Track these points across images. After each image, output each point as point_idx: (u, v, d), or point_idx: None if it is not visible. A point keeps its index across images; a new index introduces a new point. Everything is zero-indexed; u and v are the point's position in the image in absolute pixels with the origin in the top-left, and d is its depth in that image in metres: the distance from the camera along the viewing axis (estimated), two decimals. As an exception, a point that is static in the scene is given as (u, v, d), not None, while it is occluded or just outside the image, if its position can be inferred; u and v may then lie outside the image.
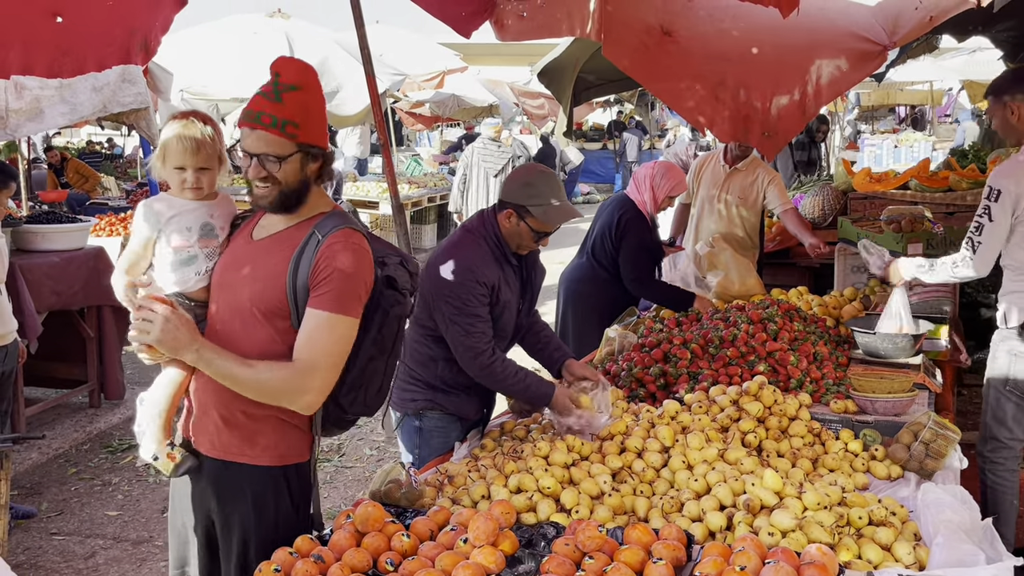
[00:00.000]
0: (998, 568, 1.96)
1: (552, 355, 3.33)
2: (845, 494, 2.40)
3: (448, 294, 2.94)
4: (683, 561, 1.99)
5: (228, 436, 2.28)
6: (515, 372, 2.98)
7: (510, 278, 3.08)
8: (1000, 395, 3.40)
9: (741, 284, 4.60)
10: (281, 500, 2.29)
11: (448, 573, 1.97)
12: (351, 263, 2.17)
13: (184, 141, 2.27)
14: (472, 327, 2.92)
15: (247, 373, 2.17)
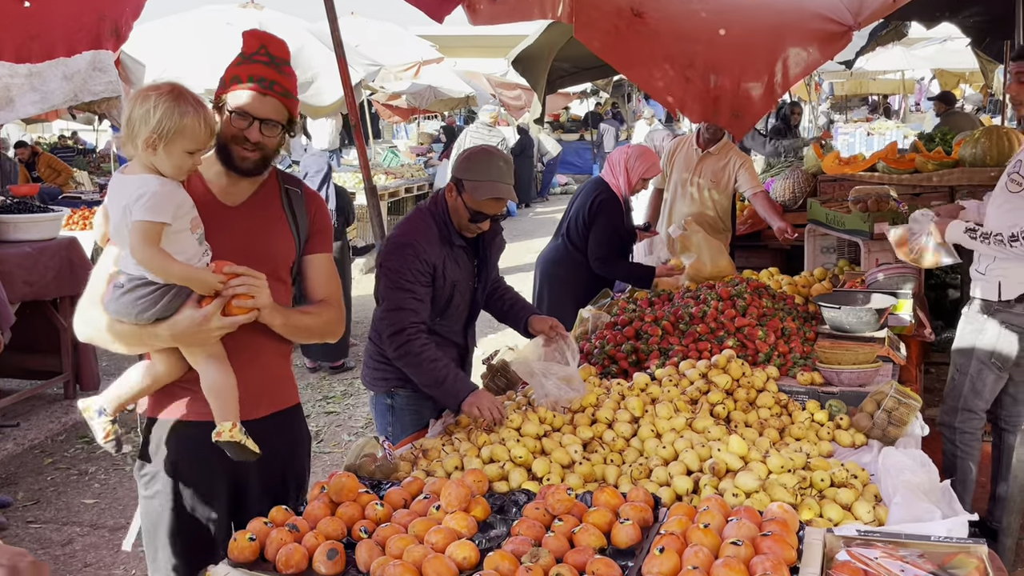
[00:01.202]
0: (953, 522, 2.03)
1: (517, 315, 3.34)
2: (809, 459, 2.46)
3: (387, 267, 2.96)
4: (650, 522, 2.05)
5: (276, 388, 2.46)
6: (433, 359, 2.87)
7: (460, 258, 3.07)
8: (983, 366, 3.46)
9: (713, 266, 4.66)
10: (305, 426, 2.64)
11: (421, 538, 2.01)
12: (327, 209, 2.54)
13: (210, 123, 2.16)
14: (403, 302, 2.90)
15: (312, 319, 2.40)
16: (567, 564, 1.82)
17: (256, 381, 2.35)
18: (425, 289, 2.96)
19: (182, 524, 2.41)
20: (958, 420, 3.58)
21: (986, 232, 3.28)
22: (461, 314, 3.17)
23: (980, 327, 3.49)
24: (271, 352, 2.41)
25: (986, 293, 3.48)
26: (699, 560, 1.77)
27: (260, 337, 2.33)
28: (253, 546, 2.03)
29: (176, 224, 2.12)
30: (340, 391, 6.53)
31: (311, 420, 5.89)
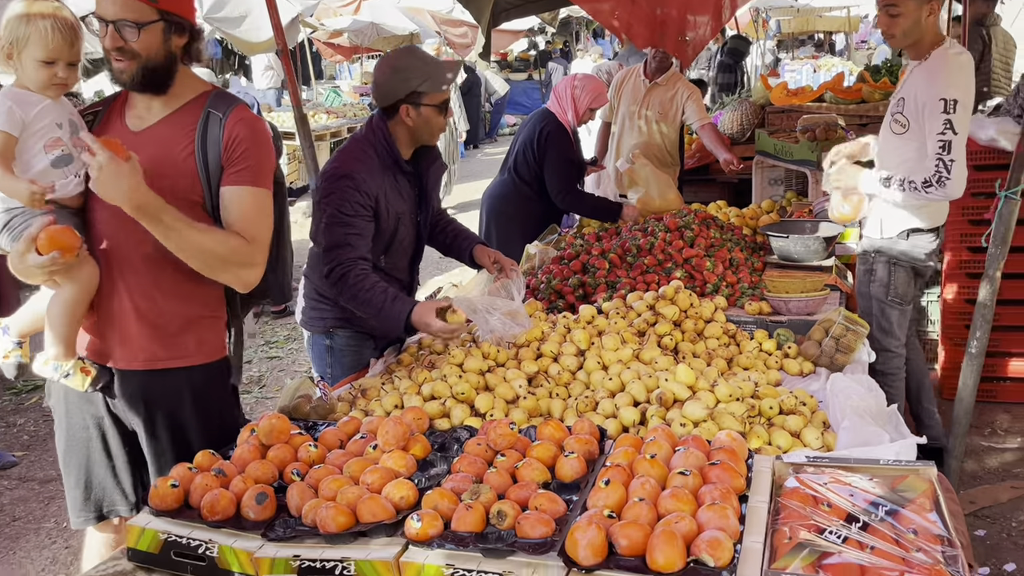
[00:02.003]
0: (901, 446, 2.00)
1: (461, 245, 3.19)
2: (757, 388, 2.42)
3: (326, 200, 2.75)
4: (595, 454, 1.97)
5: (159, 343, 2.23)
6: (370, 287, 2.68)
7: (403, 187, 2.90)
8: (884, 305, 3.44)
9: (661, 200, 4.59)
10: (223, 389, 2.37)
11: (356, 479, 1.90)
12: (262, 137, 2.19)
13: (61, 30, 2.02)
14: (342, 239, 2.71)
15: (209, 238, 2.11)
16: (509, 500, 1.74)
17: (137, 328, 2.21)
18: (366, 223, 2.77)
19: (78, 462, 2.33)
20: (878, 363, 3.57)
21: (901, 179, 3.17)
22: (407, 249, 3.00)
23: (870, 267, 3.46)
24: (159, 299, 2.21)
25: (870, 231, 3.45)
26: (646, 491, 1.71)
27: (181, 280, 2.19)
28: (176, 493, 1.90)
29: (28, 141, 2.01)
30: (283, 336, 6.36)
31: (253, 365, 5.74)
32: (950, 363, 4.66)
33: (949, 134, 3.01)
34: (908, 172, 3.14)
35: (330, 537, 1.73)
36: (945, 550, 1.54)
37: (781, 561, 1.53)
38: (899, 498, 1.69)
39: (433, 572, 1.63)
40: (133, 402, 2.26)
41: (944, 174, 3.01)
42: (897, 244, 3.36)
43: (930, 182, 3.04)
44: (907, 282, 3.42)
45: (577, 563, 1.55)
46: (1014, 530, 3.39)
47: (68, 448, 2.33)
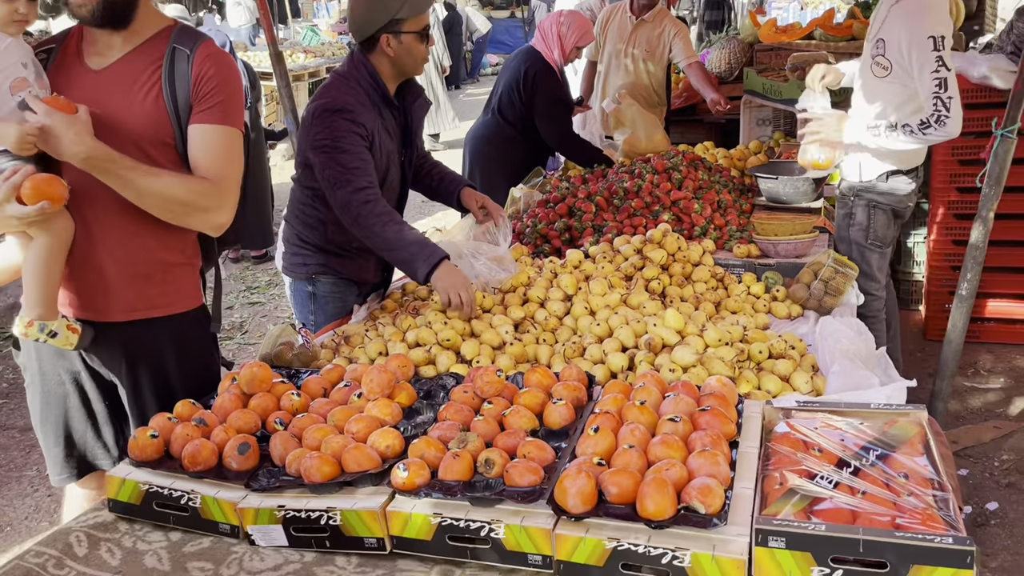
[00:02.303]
0: (892, 389, 1.99)
1: (448, 188, 3.09)
2: (746, 332, 2.39)
3: (322, 137, 2.62)
4: (584, 401, 1.94)
5: (137, 293, 2.16)
6: (397, 220, 2.58)
7: (390, 125, 2.79)
8: (864, 249, 3.41)
9: (648, 141, 4.50)
10: (203, 337, 2.32)
11: (341, 428, 1.87)
12: (231, 74, 2.10)
13: None
14: (347, 162, 2.58)
15: (170, 184, 2.01)
16: (497, 448, 1.71)
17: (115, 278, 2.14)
18: (367, 153, 2.64)
19: (56, 419, 2.27)
20: (860, 306, 3.55)
21: (893, 123, 3.07)
22: (395, 191, 2.90)
23: (849, 210, 3.41)
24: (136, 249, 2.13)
25: (849, 175, 3.39)
26: (635, 438, 1.68)
27: (154, 225, 2.10)
28: (156, 443, 1.86)
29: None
30: (265, 281, 6.29)
31: (235, 311, 5.68)
32: (935, 304, 4.67)
33: (943, 71, 2.93)
34: (897, 115, 3.08)
35: (315, 487, 1.70)
36: (936, 494, 1.52)
37: (772, 507, 1.51)
38: (890, 442, 1.68)
39: (420, 521, 1.61)
40: (113, 354, 2.21)
41: (944, 113, 2.94)
42: (876, 186, 3.32)
43: (928, 123, 2.97)
44: (887, 224, 3.39)
45: (566, 511, 1.53)
46: (996, 469, 3.43)
47: (45, 406, 2.27)
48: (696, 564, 1.44)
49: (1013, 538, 3.00)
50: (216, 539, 1.76)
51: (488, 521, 1.57)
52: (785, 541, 1.41)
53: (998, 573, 2.80)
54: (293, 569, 1.65)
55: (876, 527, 1.43)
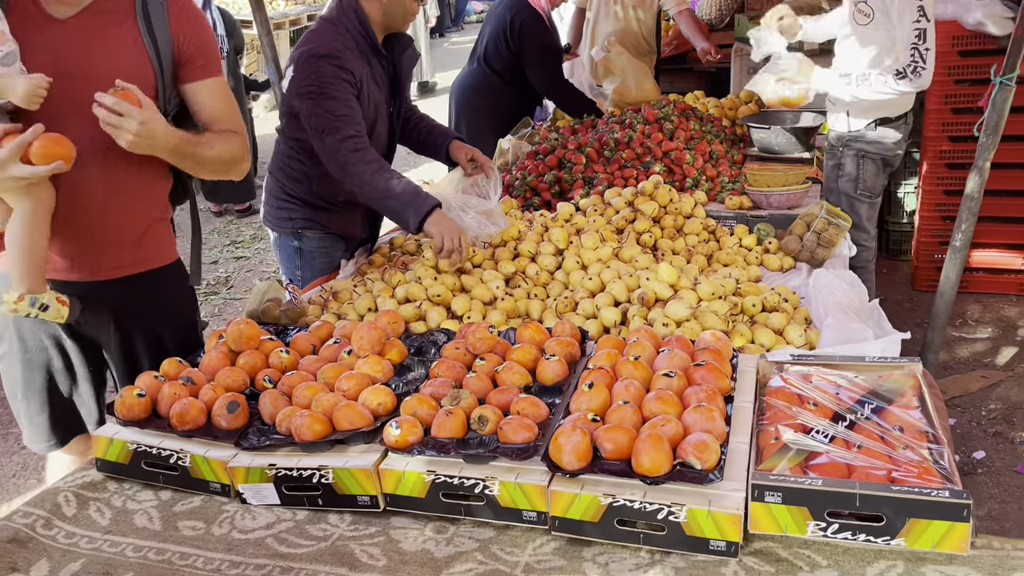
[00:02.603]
0: (886, 342, 1.98)
1: (436, 141, 3.02)
2: (739, 285, 2.37)
3: (308, 83, 2.54)
4: (577, 357, 1.92)
5: (119, 250, 2.13)
6: (386, 169, 2.54)
7: (378, 75, 2.71)
8: (853, 200, 3.39)
9: (638, 90, 4.42)
10: (184, 291, 2.34)
11: (331, 385, 1.84)
12: (204, 21, 2.14)
13: None
14: (335, 109, 2.52)
15: (215, 147, 2.09)
16: (490, 405, 1.69)
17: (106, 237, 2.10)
18: (355, 101, 2.57)
19: (39, 386, 2.21)
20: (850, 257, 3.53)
21: (864, 74, 3.02)
22: (382, 143, 2.83)
23: (838, 161, 3.39)
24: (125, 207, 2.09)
25: (837, 125, 3.36)
26: (630, 394, 1.66)
27: (137, 181, 2.07)
28: (143, 402, 1.83)
29: None
30: (249, 235, 6.21)
31: (219, 266, 5.61)
32: (925, 255, 4.67)
33: (923, 21, 2.90)
34: (872, 64, 3.04)
35: (306, 445, 1.68)
36: (931, 447, 1.52)
37: (768, 462, 1.50)
38: (885, 395, 1.67)
39: (414, 479, 1.59)
40: (100, 315, 2.16)
41: (920, 64, 2.91)
42: (864, 135, 3.28)
43: (904, 73, 2.93)
44: (875, 174, 3.36)
45: (561, 468, 1.52)
46: (983, 419, 3.46)
47: (27, 373, 2.20)
48: (692, 519, 1.43)
49: (1000, 487, 3.04)
50: (207, 498, 1.75)
51: (482, 478, 1.55)
52: (781, 496, 1.41)
53: (985, 521, 2.84)
54: (286, 527, 1.63)
55: (872, 481, 1.42)
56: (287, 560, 1.53)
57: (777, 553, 1.45)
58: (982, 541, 1.43)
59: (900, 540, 1.38)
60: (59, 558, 1.58)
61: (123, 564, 1.55)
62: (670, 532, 1.45)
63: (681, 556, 1.46)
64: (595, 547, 1.51)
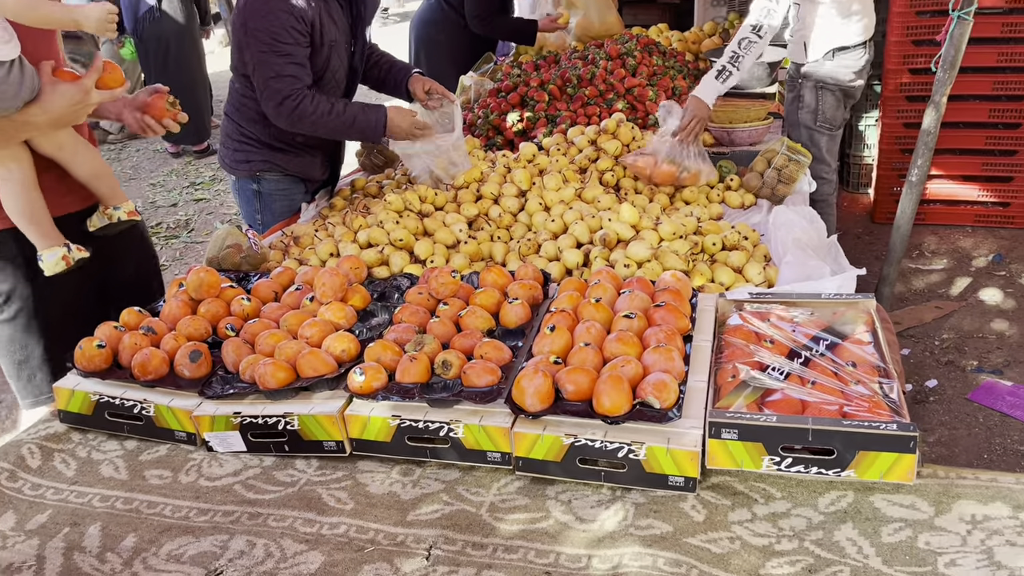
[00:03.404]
0: (843, 279, 2.01)
1: (396, 77, 2.99)
2: (701, 223, 2.39)
3: (257, 28, 2.50)
4: (540, 299, 1.94)
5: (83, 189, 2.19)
6: (332, 106, 2.56)
7: (336, 14, 2.65)
8: (813, 132, 3.39)
9: (601, 23, 4.36)
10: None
11: (294, 333, 1.84)
12: None
13: None
14: (282, 68, 2.50)
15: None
16: (454, 349, 1.71)
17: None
18: (304, 51, 2.54)
19: (57, 335, 2.20)
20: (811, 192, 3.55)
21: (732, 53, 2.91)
22: (340, 83, 2.78)
23: (797, 93, 3.38)
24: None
25: (795, 56, 3.35)
26: (591, 336, 1.69)
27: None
28: (104, 353, 1.82)
29: None
30: (209, 176, 6.09)
31: (179, 208, 5.51)
32: (884, 188, 4.73)
33: None
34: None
35: (270, 393, 1.69)
36: (882, 381, 1.57)
37: (725, 400, 1.54)
38: (839, 331, 1.71)
39: (379, 424, 1.61)
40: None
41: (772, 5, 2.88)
42: (823, 66, 3.27)
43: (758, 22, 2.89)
44: (835, 106, 3.36)
45: (524, 410, 1.54)
46: (937, 348, 3.57)
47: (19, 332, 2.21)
48: (651, 457, 1.47)
49: (950, 413, 3.15)
50: (173, 447, 1.75)
51: (447, 422, 1.58)
52: (737, 433, 1.45)
53: (935, 447, 2.94)
54: (253, 474, 1.65)
55: (824, 416, 1.47)
56: (255, 506, 1.55)
57: (734, 487, 1.50)
58: (928, 470, 1.49)
59: (850, 472, 1.43)
60: (25, 510, 1.58)
61: (90, 514, 1.56)
62: (630, 469, 1.49)
63: (641, 492, 1.50)
64: (558, 485, 1.54)
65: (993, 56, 4.30)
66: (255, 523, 1.50)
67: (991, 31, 4.24)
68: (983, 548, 1.33)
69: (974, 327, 3.69)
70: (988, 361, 3.45)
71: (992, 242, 4.45)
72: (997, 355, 3.48)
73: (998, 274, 4.13)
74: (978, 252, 4.37)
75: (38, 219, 2.02)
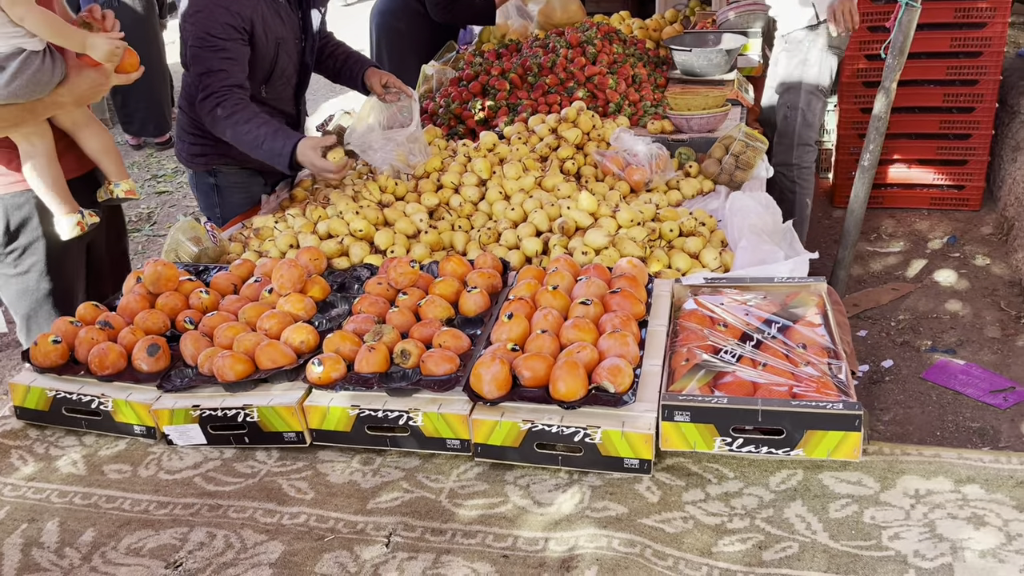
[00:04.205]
0: (795, 263, 2.05)
1: (352, 69, 2.97)
2: (659, 210, 2.42)
3: (191, 23, 2.50)
4: (499, 288, 1.96)
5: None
6: (249, 119, 2.48)
7: (283, 10, 2.63)
8: (811, 96, 3.43)
9: (563, 11, 4.36)
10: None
11: (253, 325, 1.84)
12: None
13: None
14: (211, 63, 2.48)
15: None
16: (413, 339, 1.72)
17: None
18: (239, 47, 2.51)
19: (62, 293, 2.41)
20: (794, 156, 3.60)
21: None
22: (290, 79, 2.77)
23: (803, 57, 3.41)
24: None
25: (803, 19, 3.37)
26: (548, 323, 1.71)
27: None
28: (60, 348, 1.81)
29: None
30: (171, 168, 6.02)
31: (141, 202, 5.44)
32: (843, 172, 4.80)
33: None
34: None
35: (229, 385, 1.69)
36: (831, 362, 1.61)
37: (679, 383, 1.57)
38: (791, 314, 1.75)
39: (339, 414, 1.62)
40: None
41: None
42: (831, 28, 3.30)
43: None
44: (831, 70, 3.42)
45: (482, 397, 1.56)
46: (893, 329, 3.64)
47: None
48: (606, 440, 1.50)
49: (905, 392, 3.22)
50: (131, 441, 1.75)
51: (406, 410, 1.59)
52: (690, 415, 1.48)
53: (891, 425, 3.02)
54: (213, 466, 1.65)
55: (774, 397, 1.51)
56: (215, 498, 1.56)
57: (687, 468, 1.53)
58: (874, 447, 1.53)
59: (799, 451, 1.47)
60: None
61: (49, 510, 1.56)
62: (587, 453, 1.52)
63: (598, 475, 1.53)
64: (516, 470, 1.57)
65: (946, 41, 4.38)
66: (215, 515, 1.51)
67: (944, 16, 4.32)
68: (926, 521, 1.37)
69: (929, 308, 3.78)
70: (942, 341, 3.53)
71: (947, 224, 4.55)
72: (951, 335, 3.56)
73: (952, 256, 4.22)
74: (933, 234, 4.46)
75: (58, 188, 2.23)
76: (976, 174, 4.61)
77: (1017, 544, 1.31)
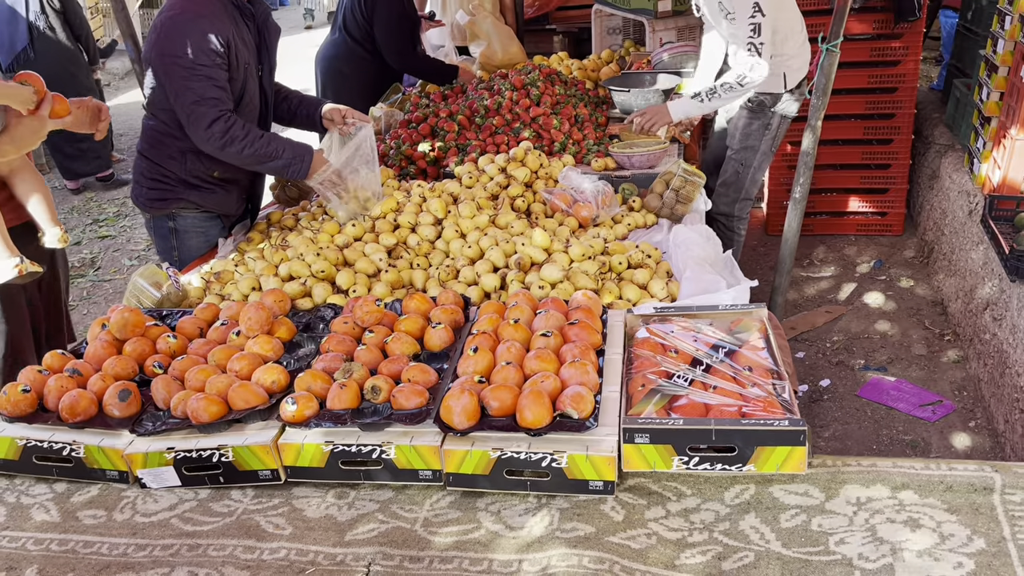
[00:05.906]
0: (737, 291, 2.19)
1: (308, 111, 3.05)
2: (607, 244, 2.54)
3: (175, 55, 2.50)
4: (461, 323, 2.04)
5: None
6: (262, 134, 2.61)
7: (246, 36, 2.69)
8: (765, 157, 3.58)
9: (504, 52, 4.53)
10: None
11: (222, 367, 1.89)
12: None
13: None
14: (205, 91, 2.52)
15: None
16: (382, 375, 1.79)
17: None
18: (224, 73, 2.57)
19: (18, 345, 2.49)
20: (737, 209, 3.75)
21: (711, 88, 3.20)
22: (255, 107, 2.80)
23: (767, 121, 3.52)
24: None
25: (772, 87, 3.44)
26: (512, 355, 1.80)
27: None
28: (28, 397, 1.83)
29: None
30: (112, 212, 5.95)
31: (84, 247, 5.38)
32: (775, 202, 5.04)
33: (759, 16, 3.02)
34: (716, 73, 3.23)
35: (204, 427, 1.73)
36: (775, 382, 1.73)
37: (637, 407, 1.68)
38: (736, 339, 1.88)
39: (312, 451, 1.68)
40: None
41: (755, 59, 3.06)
42: (793, 94, 3.42)
43: (744, 75, 3.10)
44: (784, 131, 3.54)
45: (452, 428, 1.64)
46: (828, 350, 3.84)
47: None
48: (572, 464, 1.59)
49: (843, 410, 3.40)
50: (104, 486, 1.77)
51: (379, 444, 1.66)
52: (649, 437, 1.59)
53: (831, 441, 3.18)
54: (189, 507, 1.69)
55: (726, 417, 1.62)
56: (194, 538, 1.59)
57: (648, 487, 1.63)
58: (818, 461, 1.66)
59: (751, 466, 1.58)
60: (-43, 559, 1.58)
61: (26, 558, 1.57)
62: (554, 477, 1.60)
63: (565, 498, 1.62)
64: (487, 497, 1.65)
65: (864, 78, 4.67)
66: (195, 554, 1.55)
67: (861, 55, 4.61)
68: (867, 526, 1.49)
69: (860, 328, 3.99)
70: (874, 359, 3.73)
71: (873, 249, 4.80)
72: (881, 353, 3.77)
73: (879, 279, 4.46)
74: (861, 259, 4.71)
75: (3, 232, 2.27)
76: (897, 201, 4.89)
77: (950, 543, 1.44)
